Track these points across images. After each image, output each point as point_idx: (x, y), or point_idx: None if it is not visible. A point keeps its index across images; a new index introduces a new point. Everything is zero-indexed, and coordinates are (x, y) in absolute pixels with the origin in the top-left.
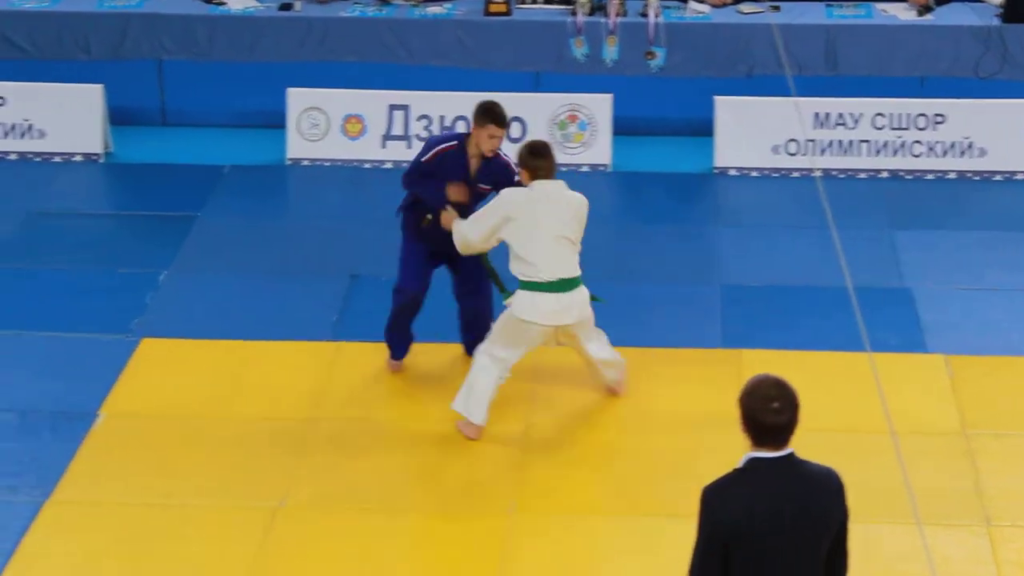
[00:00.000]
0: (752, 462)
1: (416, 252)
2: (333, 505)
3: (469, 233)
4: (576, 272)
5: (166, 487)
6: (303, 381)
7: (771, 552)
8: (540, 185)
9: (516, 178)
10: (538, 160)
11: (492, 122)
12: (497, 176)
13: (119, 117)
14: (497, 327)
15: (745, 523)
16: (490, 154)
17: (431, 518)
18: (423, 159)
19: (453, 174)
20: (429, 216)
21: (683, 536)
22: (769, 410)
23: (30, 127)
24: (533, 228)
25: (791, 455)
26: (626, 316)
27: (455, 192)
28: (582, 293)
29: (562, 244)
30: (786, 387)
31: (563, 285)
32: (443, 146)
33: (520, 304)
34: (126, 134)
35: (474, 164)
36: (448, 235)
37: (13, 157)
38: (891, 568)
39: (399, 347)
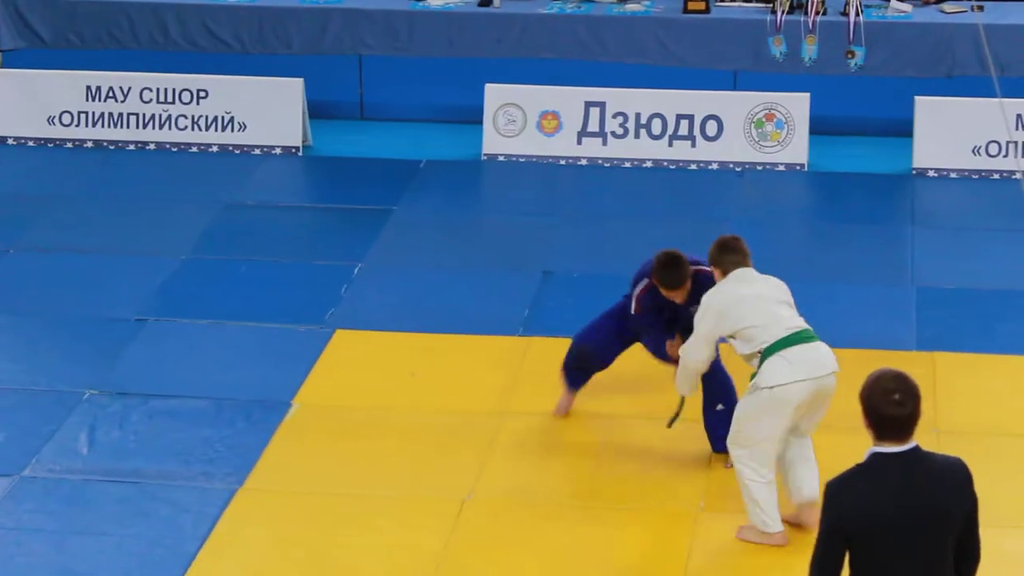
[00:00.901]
0: (875, 457)
1: (613, 328)
2: (521, 500)
3: (691, 359)
4: (809, 327)
5: (356, 477)
6: (493, 375)
7: (897, 546)
8: (735, 273)
9: None
10: (729, 255)
11: (664, 287)
12: (704, 290)
13: (318, 111)
14: (745, 419)
15: (868, 518)
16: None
17: (619, 514)
18: (635, 314)
19: (663, 307)
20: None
21: None
22: (890, 402)
23: (231, 120)
24: (748, 302)
25: (916, 448)
26: (819, 316)
27: (673, 349)
28: (827, 348)
29: (785, 306)
30: (907, 379)
31: (806, 335)
32: (639, 290)
33: (770, 372)
34: (325, 127)
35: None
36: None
37: (214, 149)
38: None
39: (574, 381)
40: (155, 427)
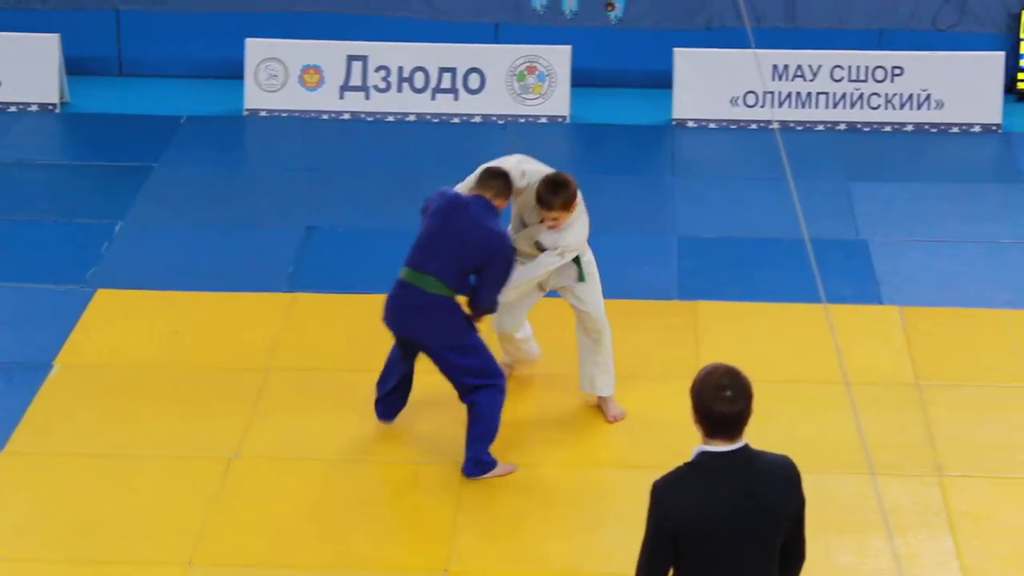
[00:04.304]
0: (703, 456)
1: None
2: (288, 456)
3: None
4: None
5: (121, 438)
6: (258, 332)
7: (722, 547)
8: None
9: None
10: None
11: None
12: None
13: (75, 67)
14: None
15: (694, 519)
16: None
17: (385, 467)
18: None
19: None
20: None
21: (634, 486)
22: (721, 399)
23: None
24: None
25: (745, 447)
26: None
27: None
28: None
29: None
30: (739, 376)
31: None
32: None
33: None
34: (82, 84)
35: None
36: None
37: None
38: (843, 517)
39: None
40: None
